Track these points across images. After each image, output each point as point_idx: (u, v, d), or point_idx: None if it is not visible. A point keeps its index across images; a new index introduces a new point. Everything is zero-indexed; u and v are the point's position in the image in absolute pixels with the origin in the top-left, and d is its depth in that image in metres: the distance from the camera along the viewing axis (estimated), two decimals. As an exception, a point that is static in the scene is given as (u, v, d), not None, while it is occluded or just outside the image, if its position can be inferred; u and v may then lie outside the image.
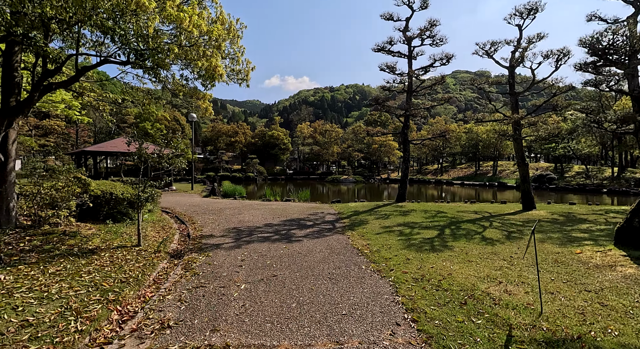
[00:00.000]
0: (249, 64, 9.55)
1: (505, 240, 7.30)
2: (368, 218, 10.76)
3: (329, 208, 13.91)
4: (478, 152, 54.12)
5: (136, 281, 4.71)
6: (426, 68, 13.60)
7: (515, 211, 11.67)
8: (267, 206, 14.42)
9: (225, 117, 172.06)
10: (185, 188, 26.01)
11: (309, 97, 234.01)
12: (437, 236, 7.78)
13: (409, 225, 9.22)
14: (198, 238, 8.03)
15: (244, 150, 66.57)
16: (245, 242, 7.52)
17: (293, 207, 14.04)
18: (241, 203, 15.83)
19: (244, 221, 10.49)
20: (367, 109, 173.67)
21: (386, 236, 7.94)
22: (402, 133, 14.01)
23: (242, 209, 13.25)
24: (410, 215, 10.98)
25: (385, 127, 75.45)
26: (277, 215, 11.66)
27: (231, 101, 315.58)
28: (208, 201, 16.70)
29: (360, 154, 65.83)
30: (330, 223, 10.14)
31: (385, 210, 12.21)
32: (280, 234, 8.48)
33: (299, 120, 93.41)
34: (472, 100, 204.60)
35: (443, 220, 9.90)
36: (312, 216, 11.63)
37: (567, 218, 10.26)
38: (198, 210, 12.97)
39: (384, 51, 13.82)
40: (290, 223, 10.18)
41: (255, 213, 12.22)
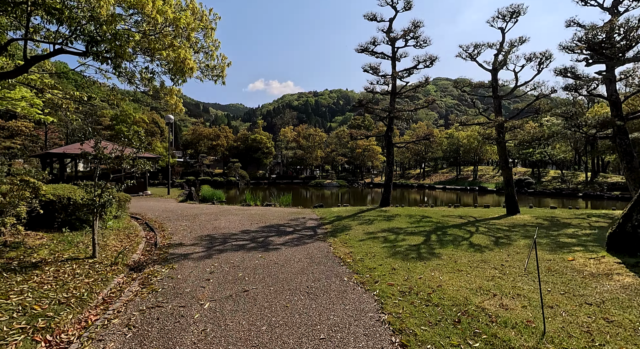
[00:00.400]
0: (225, 60, 8.95)
1: (493, 247, 6.96)
2: (351, 223, 10.28)
3: (311, 213, 13.37)
4: (459, 157, 54.99)
5: (80, 301, 4.01)
6: (410, 70, 13.37)
7: (499, 216, 11.48)
8: (246, 211, 13.73)
9: (208, 120, 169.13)
10: (161, 192, 24.84)
11: (293, 101, 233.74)
12: (424, 243, 7.37)
13: (394, 231, 8.79)
14: (165, 247, 7.31)
15: (226, 153, 65.18)
16: (217, 251, 6.86)
17: (273, 212, 13.42)
18: (219, 208, 15.05)
19: (219, 227, 9.80)
20: (350, 114, 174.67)
21: (370, 243, 7.46)
22: (385, 136, 13.68)
23: (218, 215, 12.51)
24: (395, 220, 10.58)
25: (369, 131, 75.90)
26: (256, 221, 11.02)
27: (214, 104, 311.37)
28: (184, 206, 15.83)
29: (344, 158, 65.72)
30: (311, 229, 9.59)
31: (369, 215, 11.78)
32: (256, 242, 7.86)
33: (283, 124, 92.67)
34: (453, 106, 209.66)
35: (429, 225, 9.54)
36: (293, 221, 11.05)
37: (552, 223, 10.12)
38: (171, 216, 12.15)
39: (368, 52, 13.50)
40: (268, 229, 9.57)
41: (233, 218, 11.53)
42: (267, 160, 67.58)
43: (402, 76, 13.04)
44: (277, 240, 8.10)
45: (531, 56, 10.94)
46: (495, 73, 12.47)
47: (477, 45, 12.28)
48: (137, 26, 5.72)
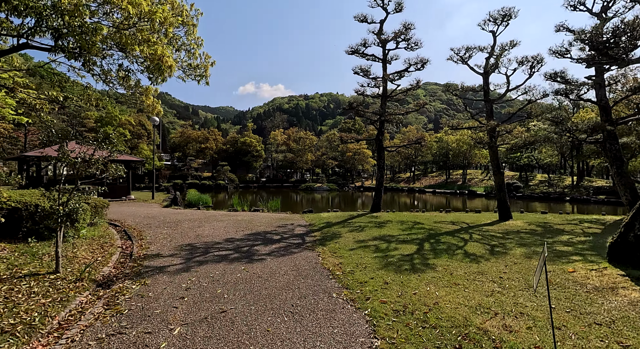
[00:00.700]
0: (208, 59, 8.50)
1: (489, 256, 6.65)
2: (341, 230, 9.88)
3: (300, 218, 12.93)
4: (448, 161, 55.36)
5: (28, 329, 3.49)
6: (401, 72, 13.13)
7: (492, 222, 11.26)
8: (232, 217, 13.20)
9: (197, 123, 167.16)
10: (146, 197, 24.03)
11: (284, 104, 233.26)
12: (417, 252, 7.01)
13: (386, 239, 8.43)
14: (141, 258, 6.77)
15: (214, 156, 64.22)
16: (197, 263, 6.36)
17: (261, 218, 12.93)
18: (204, 214, 14.48)
19: (202, 235, 9.27)
20: (341, 118, 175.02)
21: (361, 253, 7.07)
22: (376, 140, 13.37)
23: (203, 221, 11.96)
24: (387, 226, 10.23)
25: (360, 135, 75.86)
26: (242, 228, 10.52)
27: (204, 107, 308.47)
28: (167, 212, 15.19)
29: (335, 162, 65.47)
30: (299, 237, 9.15)
31: (360, 222, 11.41)
32: (240, 251, 7.39)
33: (273, 127, 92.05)
34: (442, 110, 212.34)
35: (421, 233, 9.21)
36: (281, 228, 10.59)
37: (545, 229, 9.92)
38: (152, 223, 11.55)
39: (358, 54, 13.21)
40: (254, 237, 9.09)
41: (217, 225, 11.00)
42: (257, 164, 66.87)
43: (393, 79, 12.78)
44: (262, 249, 7.64)
45: (523, 59, 10.81)
46: (487, 77, 12.32)
47: (468, 48, 12.11)
48: (107, 18, 5.24)
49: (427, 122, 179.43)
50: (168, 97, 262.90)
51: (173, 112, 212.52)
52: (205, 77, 8.70)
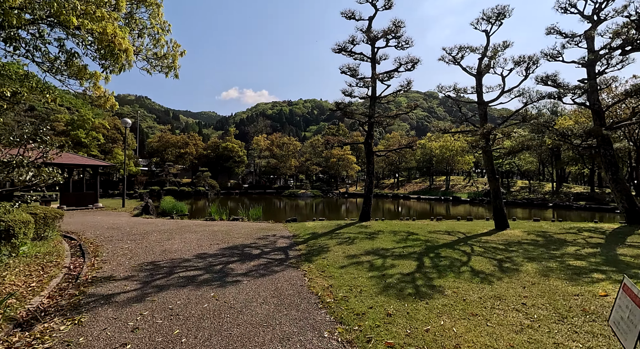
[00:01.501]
0: (177, 48, 7.43)
1: (500, 274, 5.81)
2: (329, 243, 8.88)
3: (283, 228, 11.86)
4: (432, 167, 55.55)
5: None
6: (391, 73, 12.39)
7: (489, 231, 10.55)
8: (208, 227, 11.98)
9: (178, 128, 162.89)
10: (116, 204, 22.27)
11: (267, 110, 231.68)
12: (418, 270, 6.10)
13: (380, 253, 7.48)
14: (88, 283, 5.54)
15: (194, 162, 62.09)
16: (156, 289, 5.21)
17: (240, 228, 11.77)
18: (177, 224, 13.16)
19: (169, 251, 8.06)
20: (325, 124, 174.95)
21: (354, 272, 6.09)
22: (365, 144, 12.53)
23: (174, 233, 10.70)
24: (379, 238, 9.30)
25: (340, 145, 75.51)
26: (217, 241, 9.35)
27: (185, 112, 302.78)
28: (136, 222, 13.76)
29: (319, 168, 64.63)
30: (282, 251, 8.09)
31: (349, 232, 10.45)
32: (212, 271, 6.26)
33: (256, 132, 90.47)
34: (423, 118, 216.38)
35: (417, 245, 8.33)
36: (261, 241, 9.49)
37: (546, 239, 9.27)
38: (115, 235, 10.19)
39: (346, 52, 12.40)
40: (231, 252, 7.96)
41: (190, 238, 9.78)
42: (239, 169, 65.10)
43: (383, 78, 12.01)
44: (238, 268, 6.54)
45: (520, 59, 10.28)
46: (480, 78, 11.75)
47: (461, 47, 11.52)
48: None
49: (410, 128, 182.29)
50: (147, 101, 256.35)
51: (153, 116, 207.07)
52: (173, 69, 7.60)
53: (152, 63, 7.45)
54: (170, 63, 7.38)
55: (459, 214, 25.35)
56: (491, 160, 11.27)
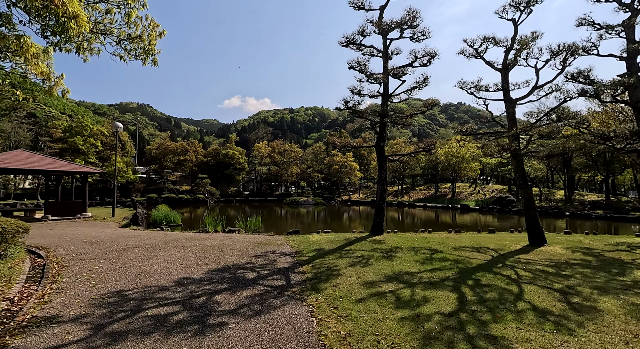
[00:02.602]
0: (155, 27, 6.11)
1: (576, 316, 4.34)
2: (339, 263, 7.42)
3: (284, 243, 10.42)
4: (437, 174, 54.06)
5: None
6: (404, 68, 11.08)
7: (524, 248, 9.07)
8: (199, 241, 10.55)
9: (180, 135, 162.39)
10: (106, 214, 20.87)
11: (269, 117, 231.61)
12: (462, 307, 4.64)
13: (405, 280, 6.01)
14: (21, 327, 4.11)
15: (194, 169, 60.85)
16: (109, 339, 3.77)
17: (235, 243, 10.34)
18: (165, 237, 11.73)
19: (146, 274, 6.63)
20: (326, 131, 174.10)
21: (377, 309, 4.64)
22: (377, 147, 11.14)
23: (159, 248, 9.27)
24: (398, 257, 7.83)
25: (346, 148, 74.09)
26: (206, 260, 7.91)
27: (187, 119, 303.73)
28: (120, 234, 12.35)
29: (320, 175, 63.25)
30: (282, 275, 6.64)
31: (361, 249, 8.98)
32: (192, 306, 4.82)
33: (257, 139, 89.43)
34: (425, 125, 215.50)
35: (447, 268, 6.85)
36: (259, 259, 8.05)
37: (598, 259, 7.79)
38: (90, 252, 8.77)
39: (354, 45, 11.12)
40: (220, 276, 6.52)
41: (175, 256, 8.35)
42: (240, 177, 63.80)
43: (398, 73, 10.67)
44: (227, 300, 5.10)
45: (560, 48, 8.92)
46: (506, 73, 10.41)
47: (486, 38, 10.20)
48: None
49: (412, 135, 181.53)
50: (149, 109, 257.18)
51: (154, 124, 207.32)
52: (151, 54, 6.27)
53: (125, 47, 6.13)
54: (146, 46, 6.06)
55: (469, 223, 23.74)
56: (521, 165, 9.85)
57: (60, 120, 60.89)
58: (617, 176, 43.28)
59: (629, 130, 9.66)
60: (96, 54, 6.16)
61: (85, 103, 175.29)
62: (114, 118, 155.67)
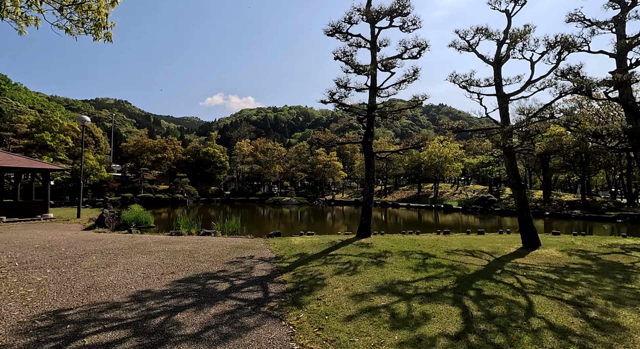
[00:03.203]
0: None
1: (601, 336, 3.73)
2: (324, 271, 6.64)
3: (264, 246, 9.56)
4: (420, 174, 54.27)
5: None
6: (393, 60, 10.44)
7: (518, 250, 8.59)
8: (169, 245, 9.54)
9: (159, 133, 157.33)
10: (71, 214, 19.29)
11: (252, 116, 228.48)
12: (468, 326, 3.95)
13: (399, 291, 5.30)
14: None
15: (173, 168, 58.62)
16: (21, 385, 2.84)
17: (209, 247, 9.40)
18: (132, 240, 10.63)
19: (99, 286, 5.64)
20: (310, 130, 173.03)
21: (370, 330, 3.89)
22: (364, 143, 10.44)
23: (121, 254, 8.22)
24: (388, 263, 7.13)
25: (330, 148, 73.31)
26: (174, 267, 6.97)
27: (167, 117, 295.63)
28: (81, 237, 11.14)
29: (304, 174, 62.37)
30: (259, 285, 5.81)
31: (348, 253, 8.25)
32: (145, 330, 3.93)
33: (239, 137, 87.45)
34: (407, 126, 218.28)
35: (444, 276, 6.20)
36: (234, 266, 7.17)
37: (597, 263, 7.37)
38: (37, 260, 7.63)
39: (340, 34, 10.38)
40: (186, 288, 5.62)
41: (139, 262, 7.36)
42: (221, 176, 62.07)
43: (388, 64, 10.00)
44: (190, 321, 4.23)
45: (557, 40, 8.48)
46: (499, 67, 9.95)
47: (479, 29, 9.69)
48: None
49: (394, 136, 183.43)
50: (127, 106, 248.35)
51: (132, 121, 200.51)
52: (103, 27, 5.31)
53: (70, 17, 5.13)
54: (96, 18, 5.09)
55: (455, 223, 23.45)
56: (515, 163, 9.40)
57: (26, 115, 57.28)
58: (591, 177, 44.72)
59: (622, 128, 9.37)
60: (34, 24, 5.16)
61: (57, 98, 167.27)
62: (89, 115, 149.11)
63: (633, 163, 33.70)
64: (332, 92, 9.82)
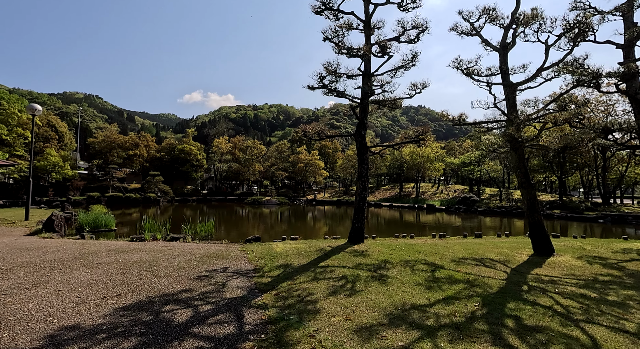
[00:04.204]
0: None
1: None
2: (314, 290, 5.32)
3: (240, 254, 8.14)
4: (403, 174, 53.97)
5: None
6: (389, 42, 9.26)
7: (531, 258, 7.61)
8: (126, 255, 7.93)
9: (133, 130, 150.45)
10: (19, 216, 16.97)
11: (231, 113, 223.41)
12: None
13: (416, 322, 4.05)
14: None
15: (146, 165, 55.48)
16: None
17: (175, 256, 7.87)
18: (82, 248, 8.90)
19: (5, 321, 4.08)
20: (290, 129, 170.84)
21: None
22: (356, 136, 9.20)
23: (58, 268, 6.57)
24: (392, 278, 5.89)
25: (311, 147, 71.80)
26: (123, 287, 5.44)
27: (141, 113, 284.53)
28: (20, 245, 9.27)
29: (285, 173, 60.75)
30: (232, 313, 4.42)
31: (342, 264, 6.96)
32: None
33: (217, 134, 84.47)
34: (387, 126, 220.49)
35: (465, 296, 5.01)
36: (201, 283, 5.73)
37: (625, 273, 6.47)
38: (-60, 279, 5.87)
39: (330, 11, 9.10)
40: (132, 320, 4.15)
41: (77, 280, 5.77)
42: (198, 174, 59.38)
43: (385, 45, 8.80)
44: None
45: (575, 21, 7.56)
46: (505, 53, 8.98)
47: (486, 9, 8.67)
48: None
49: (375, 136, 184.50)
50: (98, 100, 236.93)
51: (104, 116, 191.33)
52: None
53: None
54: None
55: (443, 224, 22.64)
56: (524, 160, 8.43)
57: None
58: (568, 177, 45.79)
59: (635, 122, 8.61)
60: None
61: (20, 91, 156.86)
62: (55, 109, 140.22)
63: (608, 164, 34.53)
64: (322, 75, 8.52)
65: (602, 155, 34.06)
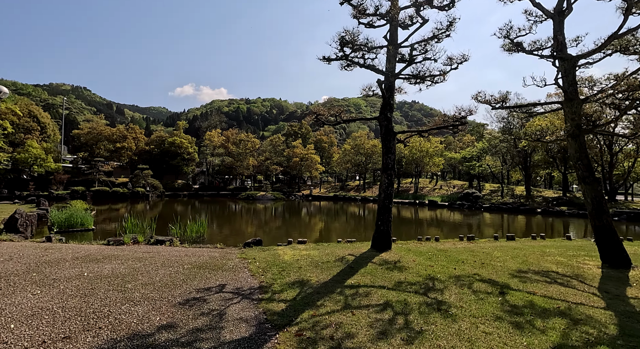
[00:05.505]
0: None
1: None
2: (352, 326, 3.73)
3: (240, 264, 6.52)
4: (401, 169, 52.63)
5: None
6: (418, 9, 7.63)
7: (606, 270, 6.14)
8: (95, 265, 6.24)
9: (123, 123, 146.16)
10: (-15, 213, 15.00)
11: (223, 107, 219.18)
12: None
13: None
14: None
15: (134, 159, 53.04)
16: None
17: (158, 267, 6.21)
18: (43, 254, 7.16)
19: None
20: (284, 124, 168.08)
21: None
22: (381, 120, 7.59)
23: (1, 286, 4.86)
24: (453, 306, 4.32)
25: (306, 141, 69.86)
26: (78, 320, 3.77)
27: (131, 106, 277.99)
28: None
29: (280, 168, 58.94)
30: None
31: (376, 283, 5.37)
32: None
33: (209, 127, 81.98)
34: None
35: (582, 345, 3.50)
36: (189, 313, 4.09)
37: None
38: None
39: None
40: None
41: (18, 308, 4.07)
42: (189, 168, 57.14)
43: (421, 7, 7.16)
44: None
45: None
46: (562, 20, 7.43)
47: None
48: None
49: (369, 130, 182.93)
50: (86, 93, 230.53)
51: (92, 109, 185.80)
52: None
53: None
54: None
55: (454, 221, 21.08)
56: (585, 150, 6.93)
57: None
58: (572, 173, 44.94)
59: None
60: None
61: (3, 82, 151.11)
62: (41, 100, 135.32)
63: (615, 159, 33.55)
64: (345, 40, 6.81)
65: (608, 150, 33.05)
